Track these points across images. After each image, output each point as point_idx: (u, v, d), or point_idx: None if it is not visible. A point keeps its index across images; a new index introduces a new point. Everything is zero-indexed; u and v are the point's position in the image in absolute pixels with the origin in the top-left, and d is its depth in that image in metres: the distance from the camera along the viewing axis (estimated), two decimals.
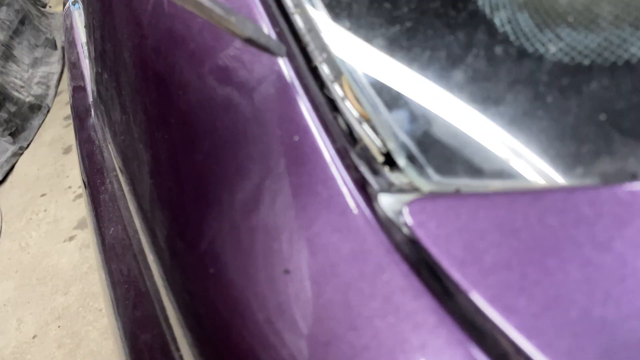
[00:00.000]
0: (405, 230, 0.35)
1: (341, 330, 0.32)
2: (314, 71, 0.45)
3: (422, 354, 0.29)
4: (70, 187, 2.73)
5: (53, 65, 3.64)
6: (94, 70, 0.96)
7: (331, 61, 0.43)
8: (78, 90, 1.31)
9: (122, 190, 0.76)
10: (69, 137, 3.11)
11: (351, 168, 0.39)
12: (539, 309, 0.27)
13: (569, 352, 0.26)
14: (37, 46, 3.62)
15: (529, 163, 0.34)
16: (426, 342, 0.29)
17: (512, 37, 0.37)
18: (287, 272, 0.37)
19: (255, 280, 0.38)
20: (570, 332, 0.26)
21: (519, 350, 0.28)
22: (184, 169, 0.50)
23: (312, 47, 0.45)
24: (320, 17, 0.46)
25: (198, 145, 0.49)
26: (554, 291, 0.28)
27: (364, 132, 0.40)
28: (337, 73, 0.43)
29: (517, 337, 0.27)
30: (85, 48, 1.40)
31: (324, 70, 0.44)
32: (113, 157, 0.81)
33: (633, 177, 0.30)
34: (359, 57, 0.43)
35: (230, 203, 0.43)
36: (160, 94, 0.58)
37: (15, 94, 3.22)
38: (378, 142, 0.39)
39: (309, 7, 0.47)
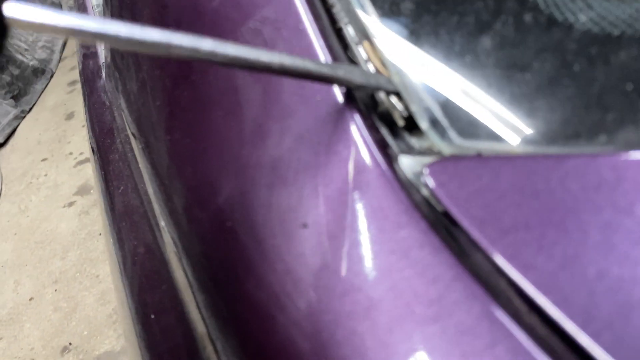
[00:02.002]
0: (424, 190, 0.35)
1: (358, 283, 0.33)
2: (339, 33, 0.45)
3: (438, 306, 0.30)
4: (71, 154, 2.73)
5: None
6: None
7: (356, 23, 0.44)
8: (88, 55, 1.31)
9: (132, 153, 0.76)
10: (72, 103, 3.10)
11: (373, 129, 0.39)
12: (557, 267, 0.28)
13: (584, 308, 0.27)
14: None
15: (552, 130, 0.34)
16: (443, 295, 0.30)
17: (542, 5, 0.37)
18: (305, 225, 0.37)
19: (273, 233, 0.39)
20: (587, 290, 0.27)
21: (533, 306, 0.28)
22: (204, 127, 0.50)
23: (337, 9, 0.45)
24: None
25: (217, 103, 0.49)
26: (572, 251, 0.28)
27: (386, 95, 0.41)
28: (362, 35, 0.43)
29: (534, 292, 0.28)
30: (97, 11, 1.40)
31: (349, 32, 0.44)
32: (126, 123, 0.81)
33: None
34: (384, 20, 0.43)
35: (249, 160, 0.43)
36: None
37: (19, 56, 3.20)
38: (400, 106, 0.40)
39: None
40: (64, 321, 1.97)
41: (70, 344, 1.89)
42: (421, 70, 0.40)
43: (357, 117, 0.40)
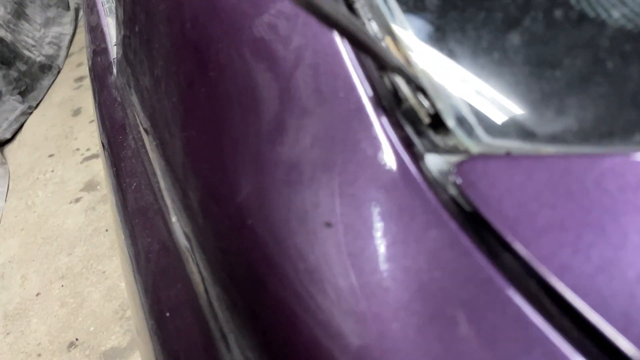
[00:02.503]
0: (451, 190, 0.35)
1: (386, 284, 0.32)
2: None
3: (470, 309, 0.29)
4: (78, 150, 2.73)
5: (65, 26, 3.61)
6: (122, 32, 0.95)
7: (380, 19, 0.43)
8: (98, 52, 1.30)
9: (145, 149, 0.75)
10: (79, 99, 3.10)
11: (397, 127, 0.39)
12: (594, 270, 0.27)
13: (624, 312, 0.26)
14: (49, 6, 3.58)
15: (583, 129, 0.33)
16: (475, 297, 0.29)
17: (573, 1, 0.37)
18: (328, 225, 0.37)
19: (295, 232, 0.38)
20: (627, 293, 0.26)
21: (570, 309, 0.28)
22: (221, 123, 0.49)
23: (360, 4, 0.45)
24: None
25: (237, 100, 0.48)
26: (611, 253, 0.28)
27: (412, 93, 0.40)
28: (386, 31, 0.42)
29: (571, 295, 0.27)
30: (106, 7, 1.39)
31: (372, 28, 0.43)
32: (139, 119, 0.80)
33: None
34: (408, 16, 0.42)
35: (269, 157, 0.43)
36: (197, 51, 0.58)
37: (26, 52, 3.20)
38: (426, 103, 0.39)
39: None
40: (70, 317, 1.98)
41: (76, 339, 1.89)
42: (447, 68, 0.39)
43: (382, 114, 0.39)
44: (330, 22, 0.31)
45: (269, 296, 0.38)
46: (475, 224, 0.32)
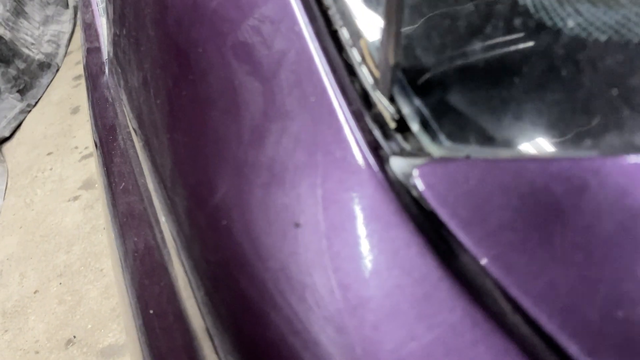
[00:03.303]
0: (414, 192, 0.36)
1: (348, 281, 0.34)
2: (334, 35, 0.45)
3: (424, 306, 0.31)
4: (76, 148, 2.75)
5: (64, 24, 3.63)
6: (112, 31, 0.96)
7: (351, 26, 0.44)
8: (92, 50, 1.32)
9: (134, 149, 0.77)
10: (78, 97, 3.12)
11: (365, 131, 0.40)
12: (539, 269, 0.29)
13: (565, 309, 0.28)
14: (48, 4, 3.60)
15: (539, 133, 0.35)
16: (428, 295, 0.31)
17: (532, 10, 0.38)
18: (297, 225, 0.38)
19: (267, 232, 0.39)
20: (568, 291, 0.28)
21: (517, 307, 0.29)
22: (201, 126, 0.51)
23: (333, 11, 0.46)
24: None
25: (215, 103, 0.50)
26: (555, 253, 0.29)
27: (378, 97, 0.41)
28: (357, 38, 0.44)
29: (517, 294, 0.29)
30: (100, 7, 1.41)
31: (344, 34, 0.45)
32: (128, 118, 0.82)
33: (639, 149, 0.31)
34: (377, 23, 0.44)
35: (245, 159, 0.44)
36: (179, 52, 0.59)
37: (25, 50, 3.21)
38: (392, 108, 0.40)
39: None
40: (68, 314, 2.00)
41: (74, 336, 1.91)
42: (413, 73, 0.41)
43: (351, 119, 0.41)
44: None
45: (242, 296, 0.40)
46: (434, 226, 0.34)
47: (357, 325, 0.32)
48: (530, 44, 0.37)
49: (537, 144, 0.35)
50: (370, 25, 0.44)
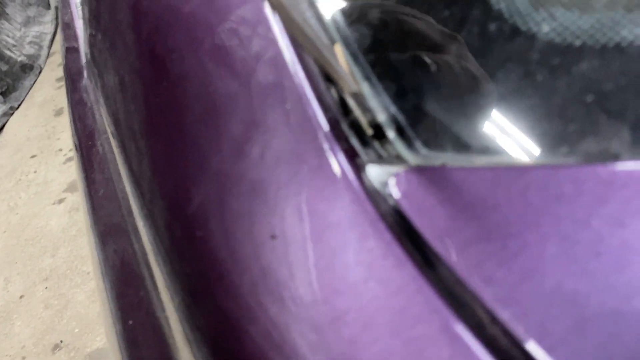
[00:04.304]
0: (390, 200, 0.35)
1: (324, 294, 0.33)
2: None
3: (400, 318, 0.30)
4: (61, 150, 2.72)
5: (46, 25, 3.58)
6: (88, 31, 0.95)
7: (326, 31, 0.43)
8: (71, 51, 1.30)
9: (112, 153, 0.76)
10: (61, 99, 3.07)
11: (342, 139, 0.39)
12: (516, 281, 0.28)
13: (541, 322, 0.27)
14: (30, 5, 3.54)
15: (515, 140, 0.34)
16: (404, 307, 0.30)
17: (506, 15, 0.37)
18: (273, 237, 0.37)
19: (242, 244, 0.39)
20: (544, 303, 0.27)
21: (494, 319, 0.29)
22: (175, 133, 0.50)
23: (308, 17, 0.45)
24: None
25: (190, 109, 0.49)
26: (531, 264, 0.29)
27: (355, 104, 0.41)
28: (332, 42, 0.43)
29: (493, 306, 0.28)
30: (80, 8, 1.38)
31: None
32: (105, 120, 0.80)
33: (615, 157, 0.31)
34: (352, 29, 0.43)
35: (220, 168, 0.43)
36: (154, 56, 0.58)
37: (7, 52, 3.17)
38: (368, 115, 0.40)
39: None
40: (55, 319, 1.97)
41: (61, 341, 1.89)
42: (389, 80, 0.40)
43: (326, 126, 0.40)
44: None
45: (218, 309, 0.39)
46: (411, 235, 0.33)
47: (334, 339, 0.31)
48: (506, 49, 0.37)
49: (513, 151, 0.35)
50: (344, 30, 0.43)
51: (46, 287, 2.10)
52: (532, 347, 0.27)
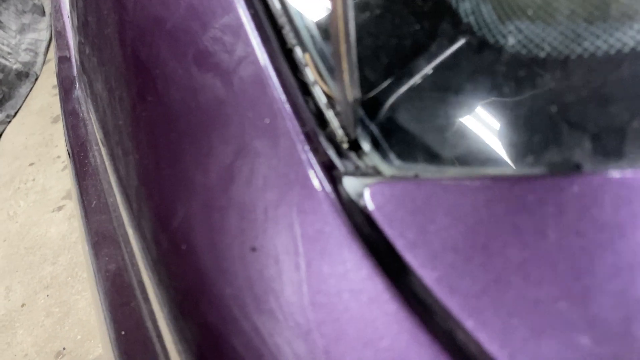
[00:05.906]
0: (365, 212, 0.36)
1: (300, 306, 0.34)
2: (289, 54, 0.45)
3: (371, 329, 0.31)
4: (59, 157, 2.73)
5: (41, 32, 3.59)
6: (77, 40, 0.95)
7: (304, 45, 0.44)
8: (64, 60, 1.31)
9: (103, 163, 0.77)
10: (58, 106, 3.07)
11: (319, 151, 0.40)
12: (479, 291, 0.29)
13: (502, 330, 0.28)
14: (24, 12, 3.55)
15: (483, 151, 0.35)
16: (376, 318, 0.31)
17: (475, 28, 0.38)
18: (253, 249, 0.38)
19: (224, 257, 0.40)
20: (505, 312, 0.28)
21: (460, 327, 0.30)
22: (160, 146, 0.51)
23: (287, 30, 0.46)
24: None
25: (173, 124, 0.50)
26: (494, 274, 0.30)
27: (332, 116, 0.42)
28: (311, 55, 0.44)
29: (459, 315, 0.29)
30: (70, 17, 1.39)
31: (298, 53, 0.45)
32: (95, 129, 0.81)
33: (578, 167, 0.32)
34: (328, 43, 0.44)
35: (202, 182, 0.44)
36: (139, 70, 0.59)
37: (2, 60, 3.17)
38: (345, 128, 0.41)
39: None
40: (57, 326, 1.98)
41: (64, 348, 1.90)
42: (365, 92, 0.41)
43: (304, 140, 0.41)
44: None
45: (202, 322, 0.40)
46: (384, 246, 0.34)
47: (309, 350, 0.32)
48: (476, 62, 0.38)
49: (481, 162, 0.35)
50: (321, 44, 0.44)
51: (47, 295, 2.11)
52: (495, 354, 0.28)
